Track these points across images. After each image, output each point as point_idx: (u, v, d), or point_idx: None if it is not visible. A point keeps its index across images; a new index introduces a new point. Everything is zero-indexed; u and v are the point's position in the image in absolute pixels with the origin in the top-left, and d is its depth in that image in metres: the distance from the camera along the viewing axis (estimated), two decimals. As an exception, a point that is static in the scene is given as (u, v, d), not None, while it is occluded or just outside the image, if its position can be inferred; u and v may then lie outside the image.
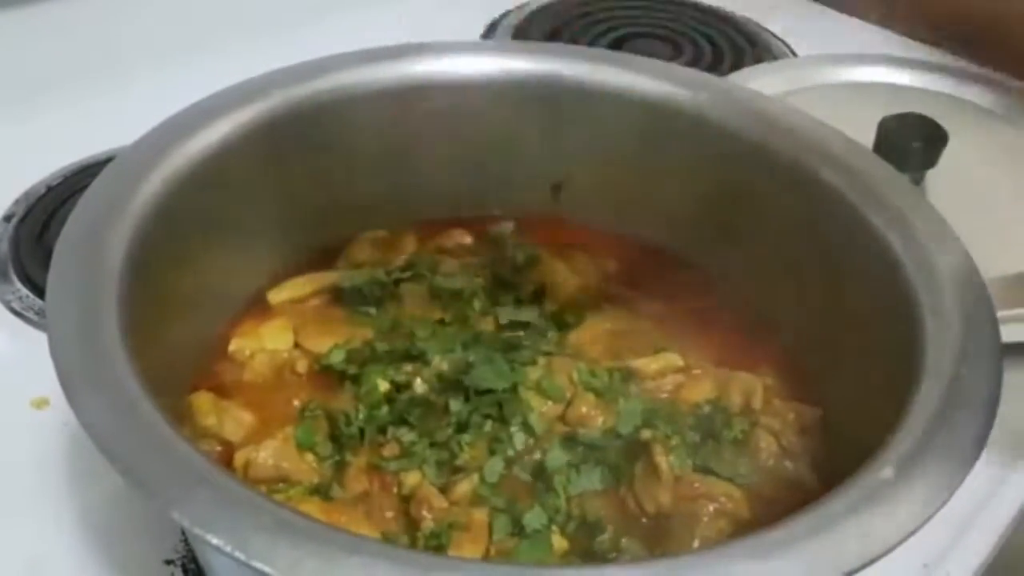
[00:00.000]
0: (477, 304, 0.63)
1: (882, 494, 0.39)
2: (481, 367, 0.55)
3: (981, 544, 0.60)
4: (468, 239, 0.69)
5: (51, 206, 0.80)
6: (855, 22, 1.19)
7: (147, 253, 0.50)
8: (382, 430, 0.54)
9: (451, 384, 0.55)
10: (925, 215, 0.55)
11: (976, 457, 0.41)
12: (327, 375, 0.58)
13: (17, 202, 0.81)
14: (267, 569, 0.35)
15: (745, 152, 0.63)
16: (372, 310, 0.62)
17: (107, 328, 0.44)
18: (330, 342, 0.59)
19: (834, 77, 0.96)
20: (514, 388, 0.55)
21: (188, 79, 0.66)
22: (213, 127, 0.57)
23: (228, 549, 0.35)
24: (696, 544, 0.49)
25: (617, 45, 1.09)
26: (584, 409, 0.55)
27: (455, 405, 0.54)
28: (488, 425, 0.54)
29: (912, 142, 0.77)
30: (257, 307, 0.62)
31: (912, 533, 0.38)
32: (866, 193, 0.57)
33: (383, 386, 0.56)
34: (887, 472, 0.40)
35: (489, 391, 0.54)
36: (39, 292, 0.72)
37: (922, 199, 0.57)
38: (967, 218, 0.57)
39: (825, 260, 0.59)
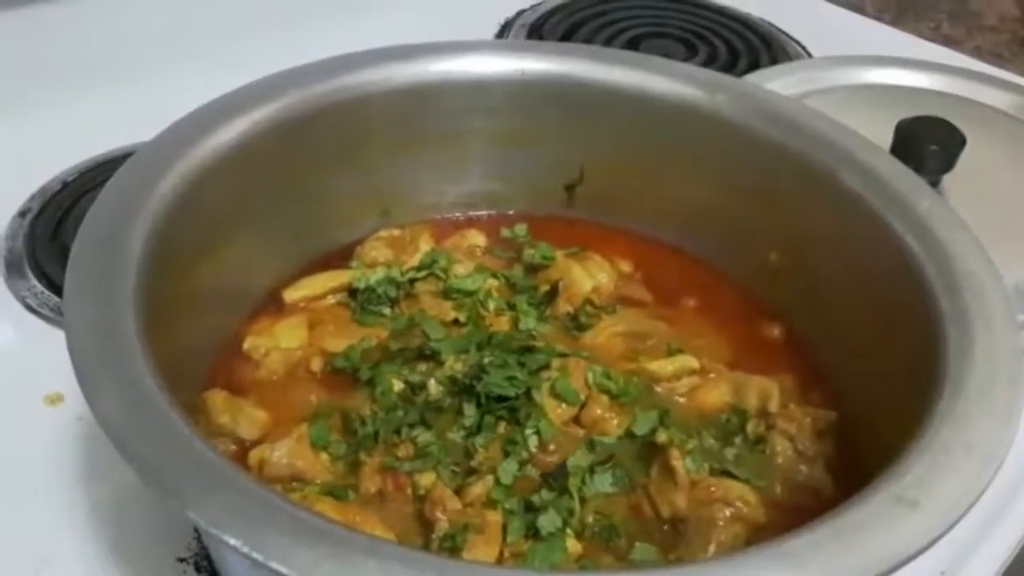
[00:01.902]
0: (491, 304, 0.63)
1: (904, 501, 0.39)
2: (494, 373, 0.55)
3: (998, 550, 0.59)
4: (482, 239, 0.69)
5: (66, 202, 0.80)
6: (871, 23, 1.19)
7: (164, 250, 0.50)
8: (397, 430, 0.53)
9: (465, 388, 0.55)
10: (945, 219, 0.55)
11: (999, 462, 0.41)
12: (341, 374, 0.58)
13: (32, 198, 0.81)
14: (284, 570, 0.35)
15: (762, 153, 0.63)
16: (386, 309, 0.62)
17: (124, 324, 0.44)
18: (344, 341, 0.59)
19: (850, 79, 0.96)
20: (528, 392, 0.55)
21: (204, 77, 0.66)
22: (231, 124, 0.57)
23: (245, 550, 0.35)
24: (712, 549, 0.49)
25: (632, 45, 1.08)
26: (599, 411, 0.55)
27: (469, 410, 0.54)
28: (502, 427, 0.54)
29: (929, 145, 0.77)
30: (272, 305, 0.62)
31: (936, 540, 0.37)
32: (886, 196, 0.57)
33: (398, 386, 0.55)
34: (909, 479, 0.40)
35: (502, 398, 0.54)
36: (54, 288, 0.72)
37: (942, 202, 0.57)
38: (985, 222, 0.57)
39: (844, 263, 0.59)
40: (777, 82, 0.91)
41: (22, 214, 0.80)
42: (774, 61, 1.06)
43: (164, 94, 0.67)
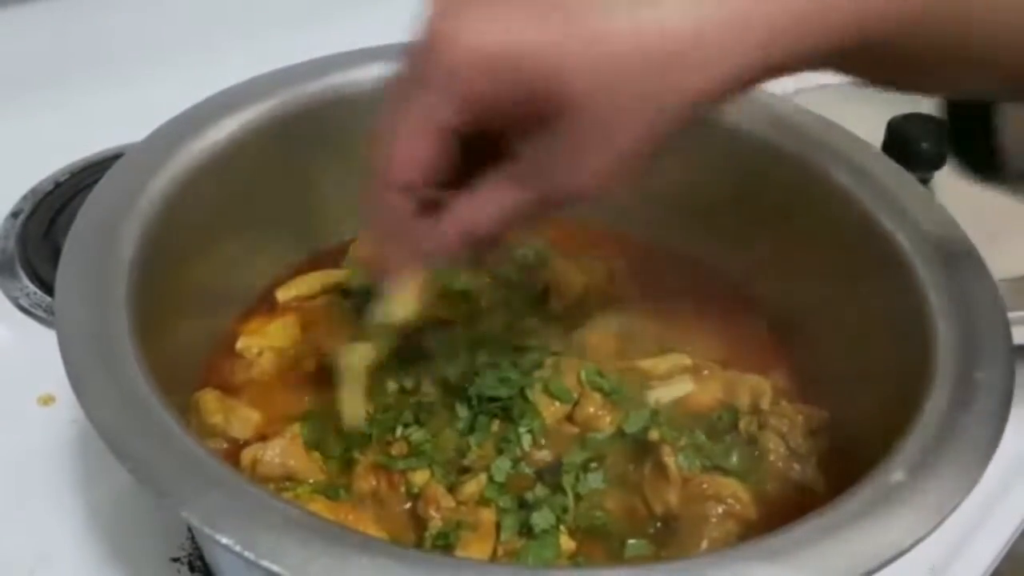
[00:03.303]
0: (484, 303, 0.63)
1: (894, 497, 0.39)
2: (486, 376, 0.55)
3: (988, 548, 0.60)
4: (475, 238, 0.69)
5: (58, 202, 0.80)
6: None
7: (156, 249, 0.50)
8: (390, 428, 0.54)
9: (457, 390, 0.55)
10: (935, 216, 0.55)
11: (988, 460, 0.41)
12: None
13: (24, 198, 0.81)
14: (276, 568, 0.35)
15: (754, 151, 0.63)
16: (379, 308, 0.62)
17: (116, 325, 0.44)
18: (337, 340, 0.59)
19: (841, 76, 0.96)
20: (521, 391, 0.55)
21: (196, 76, 0.66)
22: (222, 124, 0.57)
23: (237, 549, 0.35)
24: (704, 546, 0.49)
25: (624, 44, 1.08)
26: (591, 409, 0.55)
27: (461, 411, 0.54)
28: (496, 425, 0.54)
29: (920, 142, 0.77)
30: (265, 304, 0.62)
31: (925, 536, 0.37)
32: (876, 194, 0.57)
33: (392, 386, 0.55)
34: (899, 475, 0.40)
35: (495, 398, 0.54)
36: (46, 289, 0.72)
37: (932, 200, 0.57)
38: (976, 219, 0.57)
39: (834, 261, 0.59)
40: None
41: (14, 215, 0.80)
42: (766, 59, 1.06)
43: (155, 94, 0.67)
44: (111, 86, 0.89)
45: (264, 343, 0.59)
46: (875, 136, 0.75)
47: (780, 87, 0.88)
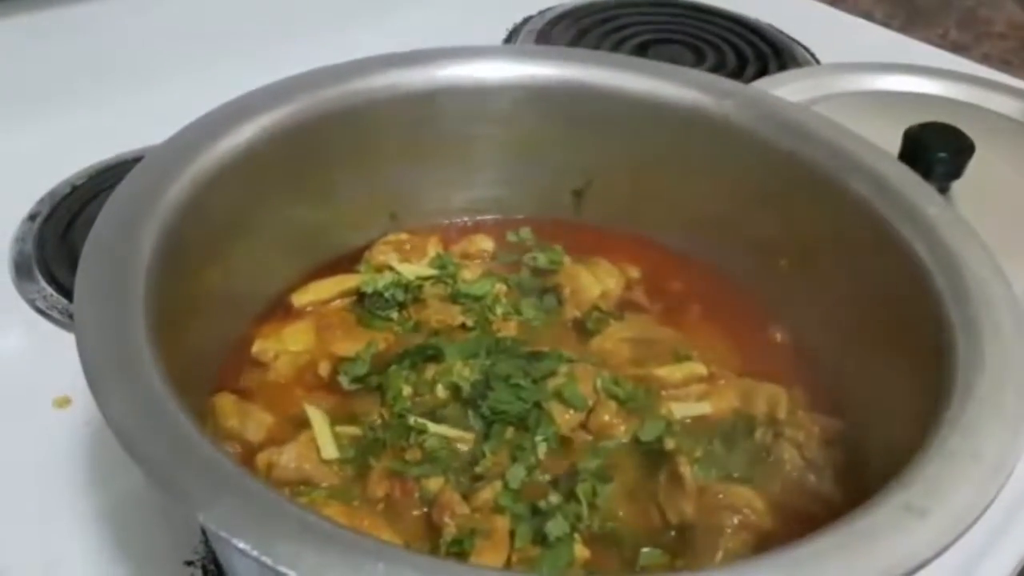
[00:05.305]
0: (499, 309, 0.63)
1: (910, 511, 0.39)
2: (500, 390, 0.54)
3: (1007, 559, 0.59)
4: (490, 244, 0.69)
5: (76, 205, 0.81)
6: (879, 29, 1.19)
7: (174, 253, 0.50)
8: (404, 435, 0.53)
9: (470, 402, 0.55)
10: (954, 226, 0.55)
11: (1008, 472, 0.41)
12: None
13: (42, 201, 0.82)
14: (293, 574, 0.35)
15: (771, 160, 0.63)
16: (394, 314, 0.62)
17: (134, 328, 0.44)
18: (352, 345, 0.59)
19: (858, 85, 0.96)
20: (535, 402, 0.55)
21: (214, 81, 0.66)
22: (241, 129, 0.57)
23: (255, 554, 0.35)
24: (720, 556, 0.49)
25: (640, 51, 1.09)
26: (607, 417, 0.55)
27: (475, 422, 0.54)
28: (510, 432, 0.54)
29: (938, 152, 0.77)
30: (281, 309, 0.62)
31: (945, 549, 0.37)
32: (894, 203, 0.56)
33: (407, 390, 0.55)
34: (915, 489, 0.40)
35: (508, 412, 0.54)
36: (63, 291, 0.73)
37: (951, 210, 0.57)
38: (994, 229, 0.57)
39: (852, 270, 0.58)
40: (785, 88, 0.90)
41: (31, 217, 0.80)
42: (782, 67, 1.06)
43: (173, 99, 0.68)
44: (128, 91, 0.90)
45: (280, 347, 0.59)
46: (892, 145, 0.75)
47: (795, 95, 0.89)
